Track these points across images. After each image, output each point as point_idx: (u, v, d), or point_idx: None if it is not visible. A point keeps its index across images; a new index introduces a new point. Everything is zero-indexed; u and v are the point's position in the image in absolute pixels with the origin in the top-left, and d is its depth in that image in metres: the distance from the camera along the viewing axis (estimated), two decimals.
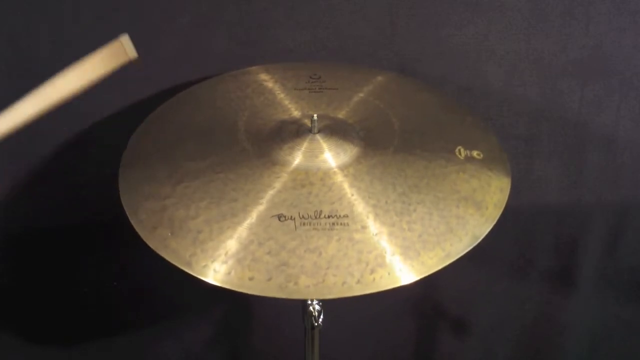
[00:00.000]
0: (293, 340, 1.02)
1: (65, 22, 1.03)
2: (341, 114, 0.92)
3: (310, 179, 0.79)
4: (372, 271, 0.70)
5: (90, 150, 1.11)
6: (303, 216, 0.74)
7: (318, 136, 0.85)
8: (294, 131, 0.86)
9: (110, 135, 1.06)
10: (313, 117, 0.85)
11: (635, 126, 1.16)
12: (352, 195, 0.78)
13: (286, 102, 0.94)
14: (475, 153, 0.86)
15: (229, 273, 0.71)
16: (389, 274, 0.71)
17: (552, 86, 1.13)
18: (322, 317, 0.89)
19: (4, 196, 1.13)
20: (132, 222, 0.77)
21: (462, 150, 0.86)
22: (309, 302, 0.88)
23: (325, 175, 0.80)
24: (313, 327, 0.89)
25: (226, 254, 0.72)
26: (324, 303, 0.89)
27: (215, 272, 0.71)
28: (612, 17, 1.08)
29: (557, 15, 1.08)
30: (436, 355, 1.38)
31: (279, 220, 0.74)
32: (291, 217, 0.74)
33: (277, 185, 0.78)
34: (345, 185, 0.79)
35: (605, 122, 1.16)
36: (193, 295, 1.23)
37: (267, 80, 0.99)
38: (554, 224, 1.26)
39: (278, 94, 0.96)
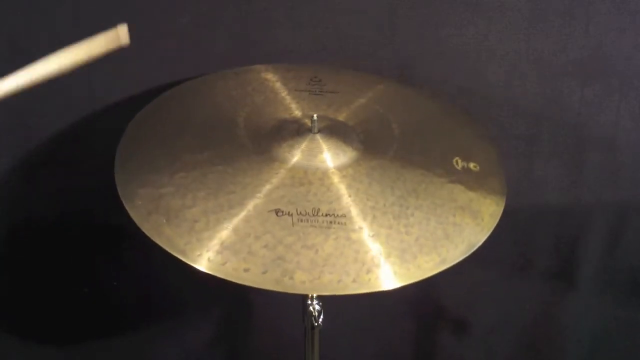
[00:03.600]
0: (293, 340, 1.02)
1: (65, 22, 1.03)
2: (341, 117, 0.92)
3: (309, 178, 0.80)
4: (368, 271, 0.71)
5: (91, 151, 1.11)
6: (301, 213, 0.75)
7: (318, 136, 0.85)
8: (294, 130, 0.86)
9: (109, 135, 1.06)
10: (313, 117, 0.85)
11: (635, 126, 1.16)
12: (350, 196, 0.78)
13: (287, 101, 0.94)
14: (472, 165, 0.87)
15: (224, 263, 0.70)
16: (385, 275, 0.71)
17: (552, 86, 1.13)
18: (322, 317, 0.89)
19: (6, 197, 1.13)
20: (127, 207, 0.76)
21: (459, 161, 0.87)
22: (309, 301, 0.88)
23: (324, 175, 0.80)
24: (313, 327, 0.89)
25: (222, 244, 0.72)
26: (323, 303, 0.89)
27: (210, 261, 0.71)
28: (612, 17, 1.08)
29: (557, 15, 1.08)
30: (436, 355, 1.38)
31: (277, 215, 0.74)
32: (289, 213, 0.75)
33: (275, 181, 0.79)
34: (344, 186, 0.79)
35: (605, 122, 1.16)
36: (193, 295, 1.23)
37: (268, 79, 0.99)
38: (554, 224, 1.25)
39: (279, 93, 0.96)
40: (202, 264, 0.70)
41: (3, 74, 1.04)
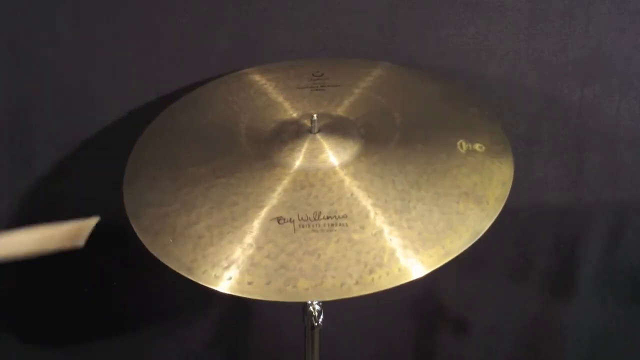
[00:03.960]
0: (293, 340, 1.02)
1: (65, 22, 1.03)
2: (342, 111, 0.92)
3: (310, 180, 0.79)
4: (371, 271, 0.70)
5: (90, 150, 1.11)
6: (302, 218, 0.74)
7: (318, 136, 0.84)
8: (294, 132, 0.86)
9: (109, 135, 1.06)
10: (313, 117, 0.85)
11: (635, 126, 1.16)
12: (352, 194, 0.77)
13: (287, 102, 0.94)
14: (477, 146, 0.85)
15: (229, 278, 0.71)
16: (387, 273, 0.70)
17: (552, 86, 1.13)
18: (322, 317, 0.89)
19: (6, 197, 1.13)
20: (136, 229, 0.77)
21: (463, 144, 0.85)
22: (309, 302, 0.88)
23: (325, 175, 0.80)
24: (313, 327, 0.89)
25: (226, 259, 0.72)
26: (324, 303, 0.89)
27: (216, 277, 0.71)
28: (612, 17, 1.08)
29: (557, 15, 1.08)
30: (436, 355, 1.38)
31: (278, 223, 0.74)
32: (290, 219, 0.74)
33: (278, 188, 0.78)
34: (345, 185, 0.79)
35: (605, 122, 1.16)
36: (193, 295, 1.23)
37: (270, 79, 0.99)
38: (554, 224, 1.25)
39: (280, 94, 0.96)
40: (209, 281, 0.71)
41: (3, 73, 1.05)
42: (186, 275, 0.72)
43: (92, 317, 1.25)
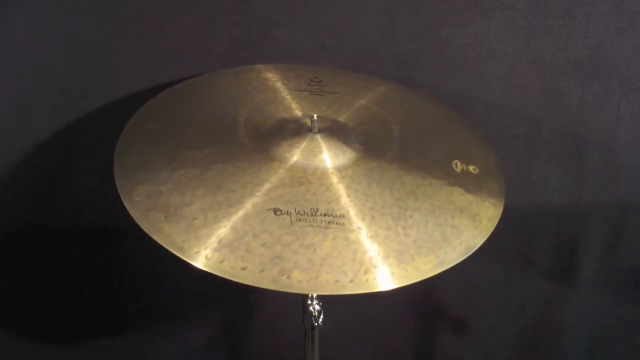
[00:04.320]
0: (293, 340, 1.02)
1: (66, 22, 1.03)
2: (341, 117, 0.93)
3: (308, 178, 0.80)
4: (366, 272, 0.71)
5: (91, 151, 1.11)
6: (299, 212, 0.75)
7: (318, 136, 0.85)
8: (294, 130, 0.86)
9: (109, 135, 1.06)
10: (313, 117, 0.85)
11: (635, 126, 1.16)
12: (349, 196, 0.78)
13: (287, 101, 0.95)
14: (471, 168, 0.87)
15: (221, 261, 0.71)
16: (382, 276, 0.71)
17: (552, 86, 1.13)
18: (322, 317, 0.89)
19: (6, 197, 1.13)
20: (126, 204, 0.76)
21: (458, 164, 0.87)
22: (309, 301, 0.88)
23: (324, 175, 0.80)
24: (313, 327, 0.89)
25: (220, 242, 0.72)
26: (324, 303, 0.89)
27: (207, 258, 0.71)
28: (612, 17, 1.08)
29: (557, 15, 1.08)
30: (436, 355, 1.38)
31: (275, 214, 0.74)
32: (287, 212, 0.75)
33: (275, 180, 0.79)
34: (343, 186, 0.79)
35: (605, 122, 1.16)
36: (193, 295, 1.23)
37: (268, 79, 0.99)
38: (554, 224, 1.25)
39: (279, 92, 0.96)
40: (200, 261, 0.71)
41: (3, 74, 1.05)
42: (177, 254, 0.71)
43: (92, 317, 1.25)
